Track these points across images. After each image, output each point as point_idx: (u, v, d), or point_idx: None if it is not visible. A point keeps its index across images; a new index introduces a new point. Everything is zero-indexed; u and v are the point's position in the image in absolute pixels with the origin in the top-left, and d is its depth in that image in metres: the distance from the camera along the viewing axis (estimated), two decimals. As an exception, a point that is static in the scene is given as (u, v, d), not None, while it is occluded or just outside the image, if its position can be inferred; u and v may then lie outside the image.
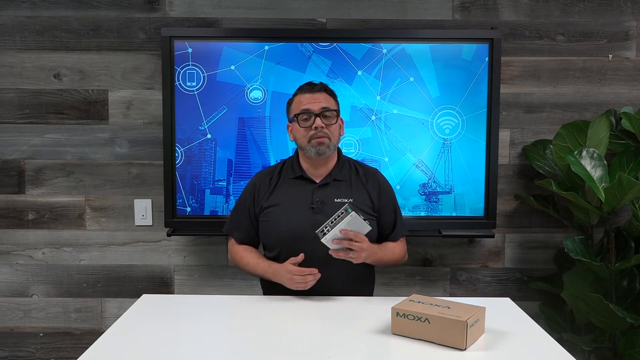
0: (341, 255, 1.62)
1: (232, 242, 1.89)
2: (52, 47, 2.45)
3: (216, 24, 2.44)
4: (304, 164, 1.83)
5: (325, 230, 1.58)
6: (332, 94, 1.83)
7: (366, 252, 1.65)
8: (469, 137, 2.37)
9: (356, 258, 1.64)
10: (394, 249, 1.85)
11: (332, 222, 1.58)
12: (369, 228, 1.63)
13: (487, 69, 2.34)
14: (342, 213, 1.57)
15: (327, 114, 1.76)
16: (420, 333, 1.34)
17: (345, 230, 1.59)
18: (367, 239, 1.66)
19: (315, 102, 1.76)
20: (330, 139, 1.76)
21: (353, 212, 1.55)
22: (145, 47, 2.45)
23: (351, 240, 1.61)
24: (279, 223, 1.77)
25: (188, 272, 2.55)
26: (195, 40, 2.33)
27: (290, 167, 1.85)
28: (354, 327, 1.46)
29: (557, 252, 2.48)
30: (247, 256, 1.83)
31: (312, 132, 1.74)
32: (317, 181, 1.81)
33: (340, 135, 1.84)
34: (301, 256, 1.66)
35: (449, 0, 2.44)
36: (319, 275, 1.65)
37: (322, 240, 1.60)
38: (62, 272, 2.55)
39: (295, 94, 1.83)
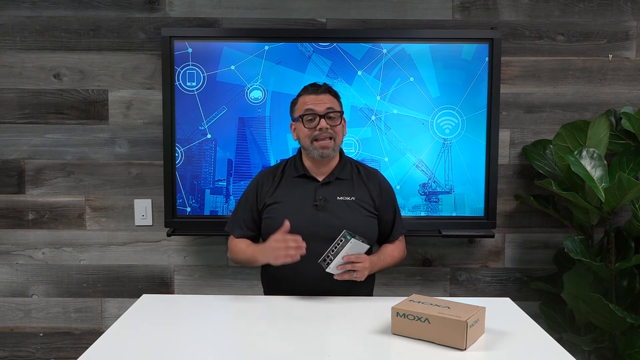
0: (346, 277, 1.66)
1: (231, 239, 1.89)
2: (52, 47, 2.45)
3: (216, 24, 2.44)
4: (307, 163, 1.85)
5: (328, 259, 1.62)
6: (336, 95, 1.84)
7: (368, 269, 1.70)
8: (469, 137, 2.37)
9: (360, 277, 1.68)
10: (393, 252, 1.88)
11: (333, 251, 1.61)
12: (367, 247, 1.67)
13: (487, 69, 2.34)
14: (341, 240, 1.60)
15: (332, 114, 1.78)
16: (420, 333, 1.34)
17: (347, 256, 1.62)
18: (367, 257, 1.69)
19: (320, 103, 1.78)
20: (334, 141, 1.79)
21: (352, 238, 1.59)
22: (145, 47, 2.45)
23: (353, 262, 1.64)
24: (282, 220, 1.77)
25: (188, 272, 2.55)
26: (195, 40, 2.33)
27: (293, 166, 1.87)
28: (354, 327, 1.46)
29: (557, 252, 2.48)
30: (239, 244, 1.84)
31: (316, 132, 1.76)
32: (320, 179, 1.83)
33: (343, 135, 1.86)
34: (287, 224, 1.64)
35: (449, 0, 2.44)
36: (303, 247, 1.61)
37: (326, 270, 1.63)
38: (62, 272, 2.55)
39: (299, 94, 1.84)
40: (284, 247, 1.61)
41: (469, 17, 2.45)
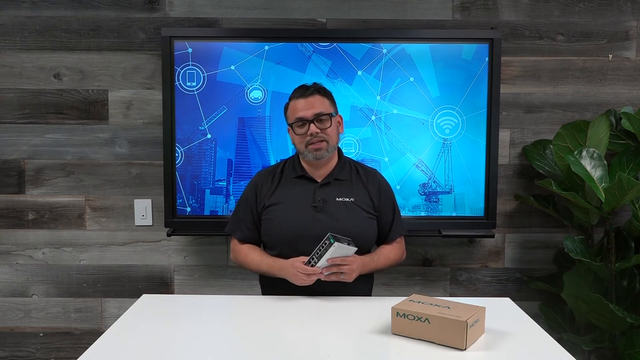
0: (333, 279, 1.67)
1: (234, 242, 1.89)
2: (52, 47, 2.45)
3: (216, 24, 2.44)
4: (305, 164, 1.84)
5: (313, 262, 1.63)
6: (326, 94, 1.81)
7: (357, 271, 1.70)
8: (469, 137, 2.37)
9: (348, 278, 1.68)
10: (389, 254, 1.87)
11: (317, 254, 1.62)
12: (354, 249, 1.67)
13: (487, 69, 2.34)
14: (325, 244, 1.60)
15: (322, 117, 1.76)
16: (420, 333, 1.34)
17: (332, 259, 1.63)
18: (355, 259, 1.69)
19: (309, 107, 1.75)
20: (328, 142, 1.77)
21: (336, 242, 1.58)
22: (145, 47, 2.45)
23: (339, 265, 1.65)
24: (281, 221, 1.78)
25: (188, 272, 2.55)
26: (195, 40, 2.33)
27: (292, 167, 1.86)
28: (354, 327, 1.46)
29: (557, 252, 2.48)
30: (250, 254, 1.83)
31: (308, 138, 1.76)
32: (319, 180, 1.82)
33: (339, 134, 1.84)
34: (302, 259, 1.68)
35: (449, 0, 2.44)
36: (322, 275, 1.66)
37: None
38: (62, 272, 2.55)
39: (290, 99, 1.82)
40: (306, 277, 1.64)
41: (469, 17, 2.45)
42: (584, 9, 2.45)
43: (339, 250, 1.61)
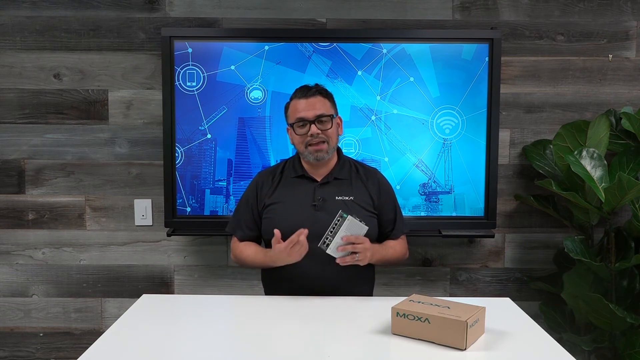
0: (348, 261, 1.66)
1: (234, 241, 1.90)
2: (52, 47, 2.45)
3: (216, 24, 2.44)
4: (305, 164, 1.85)
5: (327, 241, 1.62)
6: (327, 96, 1.83)
7: (370, 251, 1.69)
8: (469, 137, 2.38)
9: (362, 259, 1.68)
10: (395, 247, 1.88)
11: (331, 232, 1.62)
12: (366, 228, 1.67)
13: (487, 69, 2.34)
14: (338, 220, 1.60)
15: (323, 119, 1.77)
16: (420, 333, 1.34)
17: (346, 236, 1.63)
18: (367, 239, 1.69)
19: (310, 108, 1.77)
20: (328, 143, 1.78)
21: (349, 216, 1.59)
22: (145, 47, 2.45)
23: (354, 243, 1.64)
24: (281, 220, 1.78)
25: (188, 272, 2.55)
26: (195, 40, 2.33)
27: (292, 167, 1.87)
28: (354, 327, 1.46)
29: (557, 252, 2.48)
30: (246, 250, 1.84)
31: (309, 138, 1.77)
32: (319, 180, 1.83)
33: (339, 135, 1.85)
34: (277, 234, 1.66)
35: (449, 0, 2.44)
36: (306, 232, 1.64)
37: (327, 251, 1.63)
38: (62, 272, 2.55)
39: (291, 99, 1.83)
40: (293, 251, 1.64)
41: (469, 17, 2.45)
42: (584, 9, 2.45)
43: (352, 226, 1.62)
